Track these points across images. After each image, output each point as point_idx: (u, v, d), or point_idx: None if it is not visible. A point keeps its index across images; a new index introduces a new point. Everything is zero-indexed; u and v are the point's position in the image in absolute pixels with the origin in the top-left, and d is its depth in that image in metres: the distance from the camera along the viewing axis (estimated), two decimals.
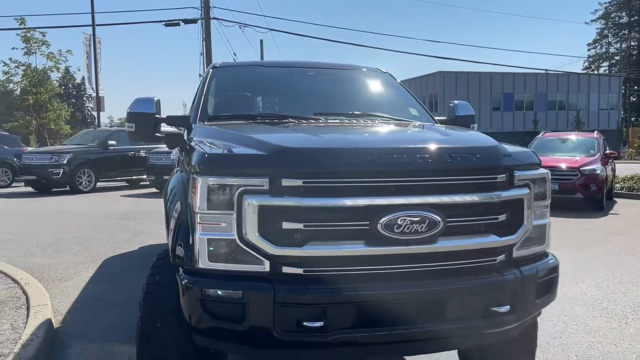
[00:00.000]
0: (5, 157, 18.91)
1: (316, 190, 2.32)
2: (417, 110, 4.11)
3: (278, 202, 2.29)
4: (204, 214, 2.35)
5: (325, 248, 2.34)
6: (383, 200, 2.34)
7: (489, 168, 2.57)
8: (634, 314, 4.77)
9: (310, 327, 2.29)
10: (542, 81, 55.11)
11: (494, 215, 2.55)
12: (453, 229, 2.45)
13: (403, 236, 2.34)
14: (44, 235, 8.62)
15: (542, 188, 2.80)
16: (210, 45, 24.74)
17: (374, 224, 2.32)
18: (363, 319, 2.36)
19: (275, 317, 2.27)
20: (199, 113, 3.66)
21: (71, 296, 5.33)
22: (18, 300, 4.77)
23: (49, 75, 25.30)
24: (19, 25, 23.56)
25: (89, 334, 4.29)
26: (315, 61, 4.71)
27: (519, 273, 2.56)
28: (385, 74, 4.60)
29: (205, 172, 2.37)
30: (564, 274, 6.03)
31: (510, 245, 2.59)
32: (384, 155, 2.43)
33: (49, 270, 6.30)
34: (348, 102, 4.09)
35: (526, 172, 2.71)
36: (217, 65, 4.35)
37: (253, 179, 2.32)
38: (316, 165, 2.36)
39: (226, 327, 2.35)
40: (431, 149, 2.55)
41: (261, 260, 2.32)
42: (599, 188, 11.40)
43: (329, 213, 2.34)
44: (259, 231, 2.29)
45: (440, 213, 2.39)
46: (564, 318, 4.65)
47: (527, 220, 2.63)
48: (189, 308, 2.39)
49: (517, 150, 2.85)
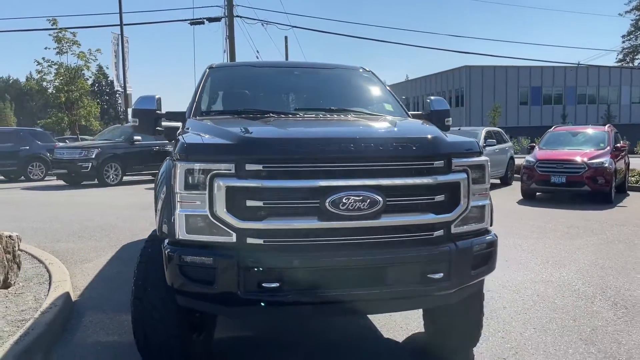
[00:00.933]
0: (39, 152, 19.89)
1: (274, 174, 2.78)
2: (392, 106, 4.51)
3: (242, 184, 2.75)
4: (182, 194, 2.83)
5: (281, 222, 2.79)
6: (330, 182, 2.78)
7: (426, 156, 2.97)
8: (603, 295, 5.09)
9: (268, 288, 2.74)
10: (572, 74, 54.24)
11: (431, 196, 2.95)
12: (393, 207, 2.87)
13: (347, 212, 2.77)
14: (71, 224, 9.28)
15: (481, 173, 3.16)
16: (234, 42, 25.35)
17: (323, 202, 2.76)
18: (314, 282, 2.80)
19: (239, 280, 2.74)
20: (193, 109, 4.16)
21: (90, 275, 5.90)
22: (42, 277, 5.35)
23: (82, 73, 26.32)
24: (51, 26, 24.73)
25: (102, 306, 4.82)
26: (304, 61, 5.16)
27: (454, 246, 2.96)
28: (368, 72, 5.01)
29: (183, 159, 2.85)
30: (548, 261, 6.43)
31: (447, 222, 2.99)
32: (332, 144, 2.88)
33: (72, 254, 6.90)
34: (328, 99, 4.52)
35: (464, 160, 3.09)
36: (213, 65, 4.83)
37: (222, 164, 2.78)
38: (274, 153, 2.81)
39: (200, 289, 2.82)
40: (376, 139, 2.98)
41: (229, 232, 2.78)
42: (606, 181, 11.54)
43: (285, 193, 2.79)
44: (226, 208, 2.75)
45: (381, 194, 2.81)
46: (535, 297, 5.00)
47: (464, 201, 3.02)
48: (171, 273, 2.87)
49: (457, 140, 3.24)
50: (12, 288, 4.93)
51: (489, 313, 4.55)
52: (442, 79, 57.18)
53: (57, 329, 4.13)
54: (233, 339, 4.08)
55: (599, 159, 11.76)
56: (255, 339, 4.13)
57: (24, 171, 19.77)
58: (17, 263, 5.13)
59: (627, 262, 6.42)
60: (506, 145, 17.06)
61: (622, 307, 4.72)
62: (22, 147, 19.64)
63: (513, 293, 5.15)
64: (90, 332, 4.18)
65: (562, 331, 4.16)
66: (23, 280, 5.20)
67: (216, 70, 4.75)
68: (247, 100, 4.44)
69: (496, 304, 4.79)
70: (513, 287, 5.35)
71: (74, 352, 3.81)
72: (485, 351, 3.77)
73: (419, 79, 63.35)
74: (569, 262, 6.38)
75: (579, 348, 3.83)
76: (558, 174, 11.79)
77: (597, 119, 51.32)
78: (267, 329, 4.29)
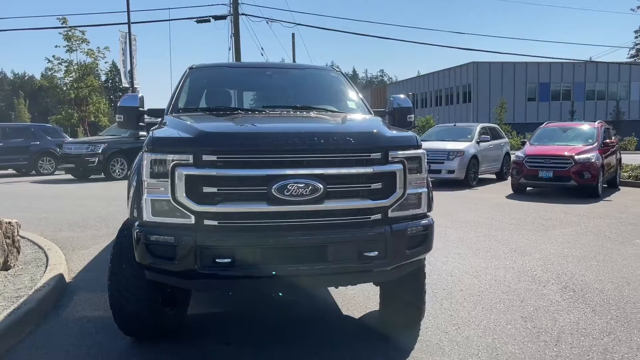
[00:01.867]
0: (49, 147, 20.50)
1: (227, 164, 3.19)
2: (355, 104, 4.91)
3: (199, 172, 3.17)
4: (148, 181, 3.25)
5: (234, 206, 3.20)
6: (276, 171, 3.19)
7: (364, 148, 3.37)
8: (556, 280, 5.45)
9: (222, 264, 3.16)
10: (580, 70, 54.09)
11: (368, 184, 3.35)
12: (334, 193, 3.27)
13: (291, 198, 3.18)
14: (74, 214, 9.78)
15: (417, 164, 3.54)
16: (239, 40, 25.79)
17: (270, 189, 3.17)
18: (262, 259, 3.22)
19: (196, 256, 3.16)
20: (170, 106, 4.58)
21: (86, 261, 6.36)
22: (40, 261, 5.82)
23: (96, 70, 26.98)
24: (61, 24, 25.37)
25: (93, 287, 5.26)
26: (278, 62, 5.57)
27: (390, 228, 3.36)
28: (337, 72, 5.41)
29: (150, 151, 3.27)
30: (516, 250, 6.81)
31: (385, 207, 3.39)
32: (278, 138, 3.29)
33: (72, 242, 7.38)
34: (295, 97, 4.93)
35: (400, 152, 3.47)
36: (193, 66, 5.26)
37: (182, 155, 3.20)
38: (227, 145, 3.23)
39: (163, 264, 3.24)
40: (319, 133, 3.38)
41: (188, 215, 3.19)
42: (592, 176, 11.82)
43: (237, 180, 3.20)
44: (186, 194, 3.17)
45: (322, 181, 3.22)
46: (492, 282, 5.38)
47: (400, 189, 3.41)
48: (139, 251, 3.29)
49: (395, 135, 3.63)
50: (12, 270, 5.40)
51: (445, 294, 4.97)
52: (450, 75, 57.28)
53: (49, 305, 4.60)
54: (204, 315, 4.52)
55: (585, 154, 12.05)
56: (224, 315, 4.56)
57: (34, 165, 20.38)
58: (16, 247, 5.61)
59: (591, 251, 6.77)
60: (502, 141, 17.33)
61: (570, 291, 5.09)
62: (32, 143, 20.25)
63: (473, 278, 5.53)
64: (79, 308, 4.63)
65: (507, 310, 4.54)
66: (22, 263, 5.67)
67: (195, 70, 5.18)
68: (220, 98, 4.86)
69: (454, 287, 5.18)
70: (474, 272, 5.73)
71: (61, 324, 4.25)
72: (431, 326, 4.17)
73: (429, 74, 63.61)
74: (535, 251, 6.74)
75: (517, 324, 4.21)
76: (545, 169, 12.10)
77: (606, 115, 51.08)
78: (236, 306, 4.72)
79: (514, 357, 3.62)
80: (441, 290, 5.10)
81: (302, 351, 3.73)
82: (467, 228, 8.24)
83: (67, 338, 3.97)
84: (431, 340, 3.91)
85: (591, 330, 4.09)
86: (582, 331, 4.08)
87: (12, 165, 20.47)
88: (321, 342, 3.90)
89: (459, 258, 6.38)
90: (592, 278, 5.52)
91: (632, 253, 6.67)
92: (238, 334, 4.06)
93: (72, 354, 3.68)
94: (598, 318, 4.36)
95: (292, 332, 4.14)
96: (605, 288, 5.17)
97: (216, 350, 3.75)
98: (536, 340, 3.91)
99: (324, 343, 3.89)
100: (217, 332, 4.12)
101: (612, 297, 4.89)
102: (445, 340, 3.91)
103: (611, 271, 5.80)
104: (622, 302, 4.77)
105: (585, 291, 5.08)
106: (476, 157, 14.91)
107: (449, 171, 14.38)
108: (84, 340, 3.92)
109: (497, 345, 3.82)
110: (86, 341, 3.90)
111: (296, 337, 4.01)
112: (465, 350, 3.74)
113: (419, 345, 3.82)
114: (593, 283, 5.34)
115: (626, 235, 7.81)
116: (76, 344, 3.84)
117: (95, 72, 27.03)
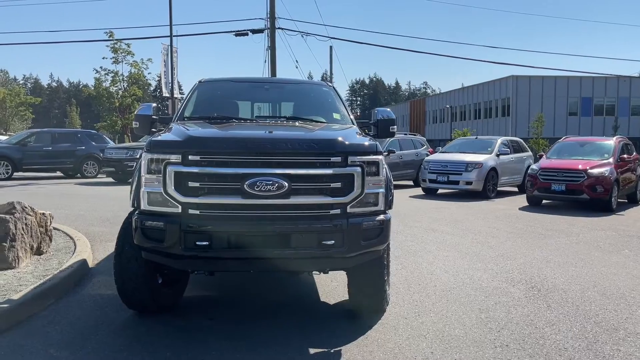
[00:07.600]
0: (93, 152, 21.81)
1: (209, 162, 3.85)
2: (340, 115, 5.52)
3: (186, 170, 3.84)
4: (145, 176, 3.95)
5: (213, 198, 3.86)
6: (248, 170, 3.83)
7: (325, 153, 3.97)
8: (528, 281, 5.88)
9: (201, 246, 3.82)
10: (625, 85, 52.85)
11: (328, 183, 3.94)
12: (298, 190, 3.88)
13: (261, 193, 3.81)
14: (107, 212, 10.69)
15: (375, 168, 4.11)
16: (275, 53, 26.71)
17: (242, 184, 3.81)
18: (235, 243, 3.85)
19: (180, 239, 3.82)
20: (177, 115, 5.31)
21: (109, 251, 7.13)
22: (69, 250, 6.64)
23: (145, 79, 28.48)
24: (108, 37, 27.03)
25: (111, 273, 5.87)
26: (277, 77, 6.24)
27: (346, 222, 3.94)
28: (329, 87, 6.04)
29: (148, 151, 3.97)
30: (503, 255, 7.26)
31: (344, 204, 3.97)
32: (252, 142, 3.95)
33: (101, 235, 8.22)
34: (286, 109, 5.58)
35: (359, 157, 4.04)
36: (202, 80, 5.99)
37: (172, 155, 3.88)
38: (209, 147, 3.90)
39: (155, 245, 3.92)
40: (287, 139, 4.01)
41: (176, 204, 3.87)
42: (605, 190, 11.99)
43: (216, 177, 3.86)
44: (174, 187, 3.84)
45: (287, 180, 3.83)
46: (467, 280, 5.85)
47: (357, 188, 3.99)
48: (136, 234, 3.98)
49: (357, 142, 4.21)
50: (44, 255, 6.22)
51: (418, 289, 5.50)
52: (489, 88, 56.95)
53: (70, 284, 5.36)
54: (198, 297, 5.21)
55: (599, 169, 12.23)
56: (214, 297, 5.24)
57: (79, 169, 21.73)
58: (49, 236, 6.44)
59: (575, 258, 7.12)
60: (524, 154, 17.50)
61: (535, 290, 5.52)
62: (78, 147, 21.62)
63: (450, 276, 6.02)
64: (96, 288, 5.38)
65: (469, 303, 5.03)
66: (54, 250, 6.50)
67: (204, 83, 5.91)
68: (220, 108, 5.56)
69: (429, 283, 5.69)
70: (454, 272, 6.22)
71: (78, 299, 5.01)
72: (394, 313, 4.71)
73: (468, 87, 63.55)
74: (520, 257, 7.14)
75: (472, 314, 4.71)
76: (558, 182, 12.35)
77: None
78: (226, 291, 5.38)
79: (456, 339, 4.13)
80: (416, 285, 5.62)
81: (273, 328, 4.35)
82: (465, 235, 8.67)
83: (81, 309, 4.71)
84: (390, 323, 4.46)
85: (537, 322, 4.54)
86: (528, 322, 4.54)
87: (60, 167, 21.86)
88: (290, 321, 4.51)
89: (444, 260, 6.86)
90: (563, 281, 5.92)
91: (615, 261, 6.99)
92: (223, 313, 4.72)
93: (83, 320, 4.42)
94: (549, 312, 4.80)
95: (271, 313, 4.76)
96: (570, 289, 5.57)
97: (201, 324, 4.41)
98: (483, 327, 4.40)
99: (292, 321, 4.50)
100: (205, 310, 4.79)
101: (572, 297, 5.29)
102: (402, 324, 4.45)
103: (585, 276, 6.17)
104: (579, 300, 5.17)
105: (549, 291, 5.50)
106: (495, 170, 15.19)
107: (467, 182, 14.71)
108: (94, 311, 4.66)
109: (446, 329, 4.34)
110: (96, 312, 4.64)
111: (271, 318, 4.63)
112: (417, 332, 4.28)
113: (377, 326, 4.38)
114: (561, 285, 5.74)
115: (618, 246, 8.09)
116: (88, 313, 4.58)
117: (142, 82, 28.56)
